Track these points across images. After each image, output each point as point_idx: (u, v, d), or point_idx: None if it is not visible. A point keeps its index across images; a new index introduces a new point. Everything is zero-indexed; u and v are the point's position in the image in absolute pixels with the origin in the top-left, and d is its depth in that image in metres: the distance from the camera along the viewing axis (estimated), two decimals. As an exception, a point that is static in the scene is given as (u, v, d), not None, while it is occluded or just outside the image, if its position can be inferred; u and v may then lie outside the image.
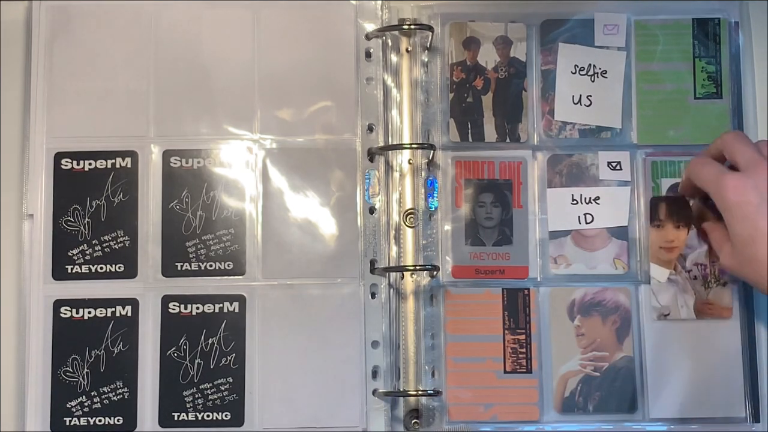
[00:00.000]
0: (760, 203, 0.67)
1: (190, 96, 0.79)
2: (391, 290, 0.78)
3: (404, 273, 0.78)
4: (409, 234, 0.79)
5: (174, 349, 0.77)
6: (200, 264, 0.78)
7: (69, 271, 0.77)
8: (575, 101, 0.80)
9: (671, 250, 0.78)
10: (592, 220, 0.79)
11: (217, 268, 0.78)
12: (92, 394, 0.76)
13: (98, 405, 0.76)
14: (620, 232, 0.79)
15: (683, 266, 0.78)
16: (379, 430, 0.76)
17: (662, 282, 0.78)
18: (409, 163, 0.79)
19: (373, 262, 0.78)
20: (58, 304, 0.77)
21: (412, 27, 0.79)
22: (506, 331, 0.78)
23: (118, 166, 0.78)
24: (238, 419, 0.76)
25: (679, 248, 0.78)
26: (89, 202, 0.78)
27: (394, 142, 0.80)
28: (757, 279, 0.68)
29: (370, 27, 0.80)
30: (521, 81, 0.80)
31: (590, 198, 0.79)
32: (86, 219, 0.78)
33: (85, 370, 0.76)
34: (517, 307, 0.78)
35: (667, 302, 0.78)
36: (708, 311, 0.78)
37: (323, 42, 0.80)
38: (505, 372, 0.78)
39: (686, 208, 0.77)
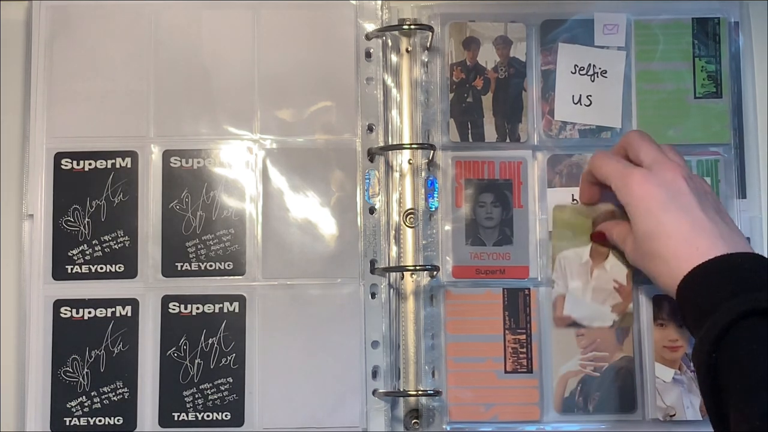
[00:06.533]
0: (666, 200, 0.67)
1: (190, 96, 0.79)
2: (391, 290, 0.78)
3: (404, 273, 0.78)
4: (409, 234, 0.79)
5: (174, 349, 0.77)
6: (200, 264, 0.78)
7: (69, 271, 0.77)
8: (575, 101, 0.80)
9: (675, 349, 0.77)
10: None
11: (217, 268, 0.78)
12: (92, 394, 0.76)
13: (98, 405, 0.76)
14: (620, 232, 0.79)
15: (688, 366, 0.77)
16: (379, 430, 0.76)
17: (667, 382, 0.77)
18: (409, 163, 0.79)
19: (373, 262, 0.78)
20: (58, 304, 0.77)
21: (412, 27, 0.79)
22: (507, 331, 0.78)
23: (118, 166, 0.78)
24: (238, 419, 0.76)
25: (683, 347, 0.77)
26: (89, 202, 0.78)
27: (394, 142, 0.80)
28: (656, 275, 0.68)
29: (370, 27, 0.80)
30: (521, 81, 0.80)
31: (590, 198, 0.79)
32: (86, 219, 0.78)
33: (85, 370, 0.76)
34: (517, 307, 0.78)
35: (672, 402, 0.76)
36: None
37: (323, 42, 0.80)
38: (506, 372, 0.77)
39: None
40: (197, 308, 0.77)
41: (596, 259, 0.77)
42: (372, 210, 0.79)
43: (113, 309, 0.77)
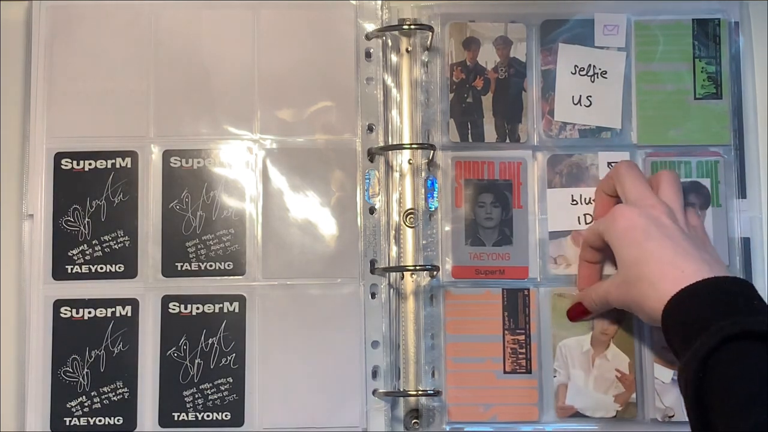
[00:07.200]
0: (649, 228, 0.68)
1: (190, 96, 0.79)
2: (391, 290, 0.78)
3: (404, 273, 0.78)
4: (409, 234, 0.79)
5: (174, 349, 0.77)
6: (200, 264, 0.78)
7: (69, 271, 0.77)
8: (575, 101, 0.80)
9: None
10: (592, 221, 0.79)
11: (217, 268, 0.78)
12: (92, 394, 0.76)
13: (98, 405, 0.76)
14: (620, 233, 0.79)
15: None
16: (379, 430, 0.76)
17: (666, 383, 0.76)
18: (409, 163, 0.79)
19: (373, 262, 0.78)
20: (58, 304, 0.77)
21: (412, 27, 0.79)
22: (506, 332, 0.78)
23: (118, 166, 0.78)
24: (238, 419, 0.76)
25: None
26: (89, 202, 0.78)
27: (394, 142, 0.80)
28: (642, 300, 0.67)
29: (370, 27, 0.80)
30: (521, 81, 0.80)
31: (590, 198, 0.79)
32: (86, 219, 0.78)
33: (85, 370, 0.76)
34: (516, 308, 0.78)
35: (671, 403, 0.76)
36: None
37: (323, 42, 0.80)
38: (505, 372, 0.78)
39: None
40: (197, 308, 0.77)
41: (597, 347, 0.77)
42: (372, 210, 0.79)
43: (113, 309, 0.77)
